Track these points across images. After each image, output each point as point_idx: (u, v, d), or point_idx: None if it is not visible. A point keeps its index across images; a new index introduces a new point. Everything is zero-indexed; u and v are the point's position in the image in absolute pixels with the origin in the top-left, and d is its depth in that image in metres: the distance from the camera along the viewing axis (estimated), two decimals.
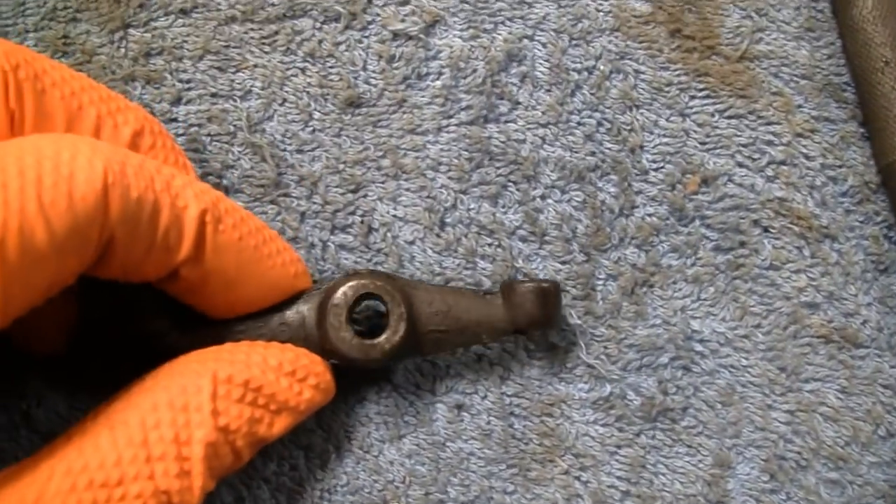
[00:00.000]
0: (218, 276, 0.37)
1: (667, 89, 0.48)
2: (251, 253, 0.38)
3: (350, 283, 0.41)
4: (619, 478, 0.45)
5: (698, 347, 0.46)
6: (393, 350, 0.41)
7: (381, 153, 0.47)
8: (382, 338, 0.41)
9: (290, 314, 0.41)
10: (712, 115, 0.47)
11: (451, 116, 0.47)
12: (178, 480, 0.34)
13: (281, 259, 0.40)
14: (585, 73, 0.48)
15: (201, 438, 0.35)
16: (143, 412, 0.35)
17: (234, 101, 0.47)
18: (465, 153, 0.47)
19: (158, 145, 0.40)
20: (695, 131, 0.47)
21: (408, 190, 0.47)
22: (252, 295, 0.40)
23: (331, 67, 0.47)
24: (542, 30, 0.48)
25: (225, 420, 0.36)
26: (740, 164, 0.47)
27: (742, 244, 0.47)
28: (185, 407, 0.35)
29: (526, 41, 0.48)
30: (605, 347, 0.46)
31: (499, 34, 0.48)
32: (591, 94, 0.47)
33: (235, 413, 0.36)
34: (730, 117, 0.47)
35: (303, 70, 0.48)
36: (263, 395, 0.37)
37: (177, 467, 0.34)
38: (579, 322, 0.46)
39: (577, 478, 0.45)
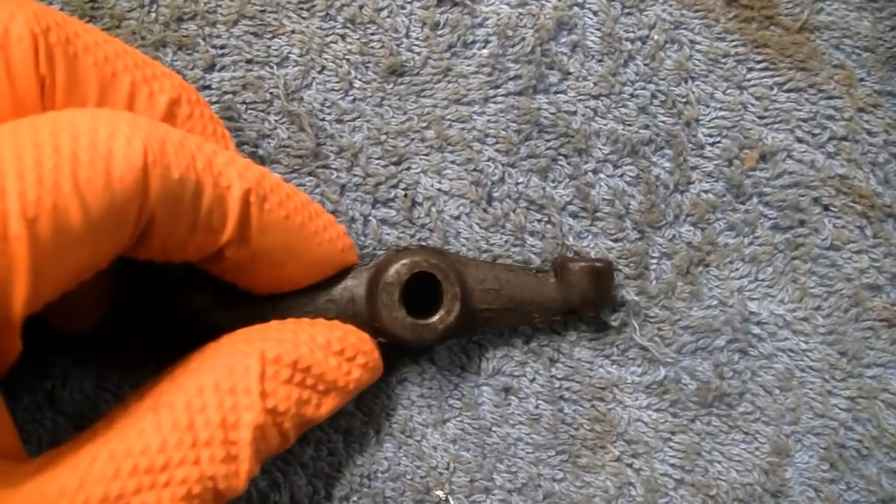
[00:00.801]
0: (264, 255, 0.35)
1: (723, 61, 0.45)
2: (298, 231, 0.36)
3: (403, 261, 0.39)
4: (672, 465, 0.43)
5: (756, 330, 0.44)
6: (446, 330, 0.38)
7: (425, 124, 0.44)
8: (436, 318, 0.38)
9: (338, 291, 0.39)
10: (771, 89, 0.45)
11: (498, 86, 0.44)
12: (224, 465, 0.32)
13: (328, 235, 0.37)
14: (639, 43, 0.45)
15: (249, 422, 0.32)
16: (188, 395, 0.32)
17: (271, 67, 0.44)
18: (514, 125, 0.44)
19: (196, 115, 0.37)
20: (752, 105, 0.45)
21: (453, 163, 0.44)
22: (299, 273, 0.37)
23: (372, 34, 0.45)
24: None
25: (273, 402, 0.33)
26: (800, 140, 0.45)
27: (802, 223, 0.44)
28: (233, 389, 0.32)
29: (576, 8, 0.45)
30: (659, 329, 0.44)
31: (548, 1, 0.45)
32: (645, 64, 0.45)
33: (284, 394, 0.34)
34: (789, 91, 0.45)
35: (343, 36, 0.45)
36: (312, 375, 0.35)
37: (223, 452, 0.32)
38: (633, 301, 0.43)
39: (630, 465, 0.43)
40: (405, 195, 0.44)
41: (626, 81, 0.45)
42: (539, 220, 0.44)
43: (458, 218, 0.44)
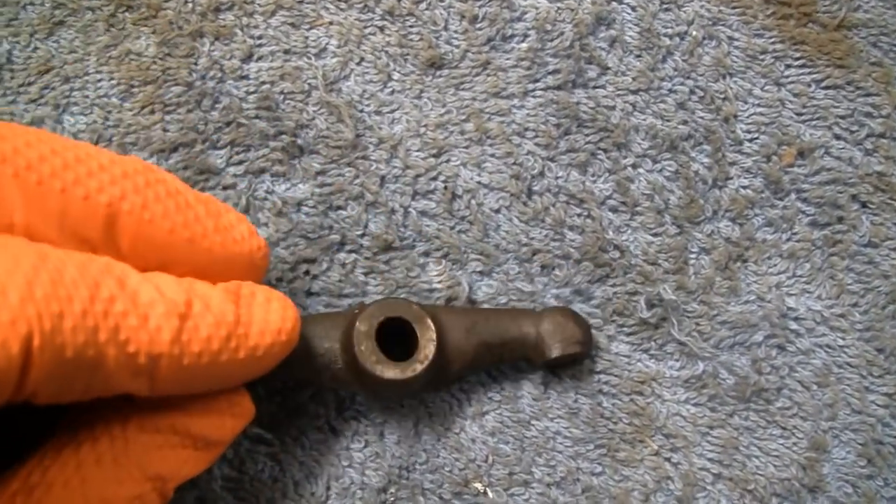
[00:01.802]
0: (182, 392, 0.31)
1: (761, 57, 0.44)
2: (223, 366, 0.31)
3: (372, 308, 0.37)
4: (710, 460, 0.42)
5: (793, 326, 0.43)
6: (427, 370, 0.37)
7: (464, 117, 0.43)
8: (415, 357, 0.37)
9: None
10: (809, 86, 0.44)
11: (537, 80, 0.44)
12: None
13: (270, 338, 0.32)
14: (677, 39, 0.44)
15: None
16: None
17: (309, 58, 0.43)
18: (553, 119, 0.43)
19: (150, 199, 0.31)
20: (790, 101, 0.44)
21: (493, 156, 0.43)
22: (231, 385, 0.34)
23: (410, 26, 0.44)
24: None
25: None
26: (838, 137, 0.44)
27: (840, 219, 0.44)
28: None
29: (615, 4, 0.44)
30: (697, 324, 0.43)
31: None
32: (683, 60, 0.44)
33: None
34: (827, 87, 0.44)
35: (381, 28, 0.44)
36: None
37: None
38: (672, 297, 0.43)
39: (668, 459, 0.42)
40: (445, 187, 0.43)
41: (664, 77, 0.44)
42: (579, 215, 0.43)
43: (497, 211, 0.43)
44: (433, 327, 0.37)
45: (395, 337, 0.38)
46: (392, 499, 0.41)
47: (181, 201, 0.32)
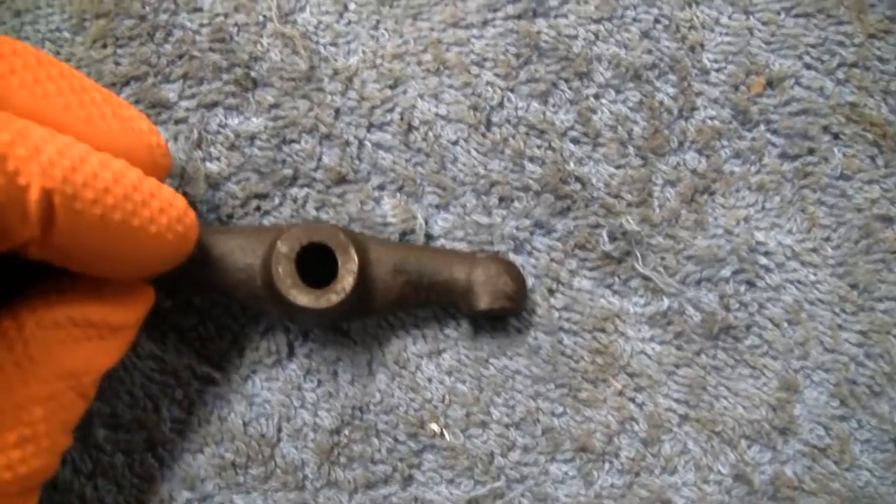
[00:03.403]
0: (78, 253, 0.28)
1: None
2: (117, 228, 0.28)
3: (296, 231, 0.34)
4: (676, 400, 0.39)
5: (763, 261, 0.40)
6: (345, 300, 0.34)
7: (421, 47, 0.40)
8: (333, 285, 0.34)
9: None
10: (778, 14, 0.41)
11: (497, 9, 0.41)
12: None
13: (164, 222, 0.30)
14: None
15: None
16: None
17: None
18: (513, 48, 0.40)
19: (42, 77, 0.29)
20: (759, 30, 0.41)
21: (451, 87, 0.40)
22: (128, 266, 0.31)
23: None
24: None
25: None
26: (808, 66, 0.41)
27: (810, 151, 0.40)
28: None
29: None
30: (663, 258, 0.40)
31: None
32: None
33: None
34: (797, 16, 0.41)
35: None
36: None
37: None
38: (635, 229, 0.40)
39: (632, 399, 0.39)
40: (401, 119, 0.40)
41: (628, 5, 0.41)
42: (539, 146, 0.40)
43: (455, 143, 0.40)
44: (356, 258, 0.34)
45: (325, 263, 0.34)
46: (345, 441, 0.38)
47: (76, 84, 0.29)
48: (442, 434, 0.38)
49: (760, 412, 0.38)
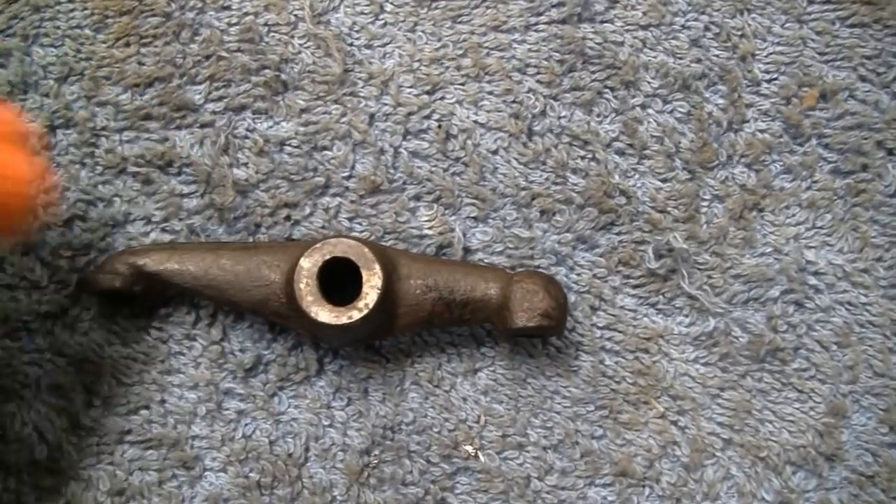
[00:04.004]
0: None
1: None
2: None
3: (318, 246, 0.33)
4: (720, 424, 0.37)
5: (812, 281, 0.38)
6: (367, 318, 0.33)
7: (461, 51, 0.38)
8: (356, 303, 0.33)
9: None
10: (833, 23, 0.39)
11: (540, 13, 0.38)
12: None
13: None
14: None
15: None
16: None
17: None
18: (557, 55, 0.38)
19: None
20: (813, 40, 0.39)
21: (491, 93, 0.38)
22: None
23: None
24: None
25: None
26: (863, 79, 0.39)
27: (864, 167, 0.38)
28: None
29: None
30: (709, 277, 0.38)
31: None
32: None
33: None
34: (853, 25, 0.39)
35: None
36: None
37: None
38: (682, 247, 0.38)
39: (675, 423, 0.37)
40: (439, 126, 0.38)
41: (677, 11, 0.39)
42: (582, 157, 0.38)
43: (495, 152, 0.38)
44: (380, 274, 0.32)
45: (355, 278, 0.33)
46: (375, 462, 0.36)
47: None
48: (476, 456, 0.36)
49: (807, 437, 0.37)
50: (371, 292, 0.33)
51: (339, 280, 0.33)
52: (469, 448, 0.36)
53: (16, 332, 0.37)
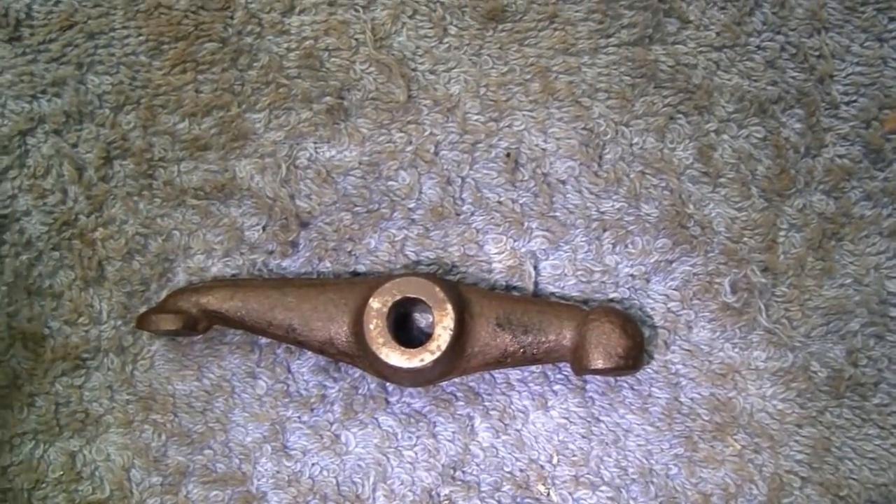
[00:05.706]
0: None
1: (861, 9, 0.36)
2: None
3: (388, 286, 0.32)
4: (798, 461, 0.35)
5: (894, 312, 0.36)
6: (440, 360, 0.31)
7: (528, 75, 0.36)
8: (428, 345, 0.31)
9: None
10: None
11: (610, 35, 0.36)
12: None
13: None
14: None
15: None
16: None
17: (356, 10, 0.36)
18: (627, 78, 0.36)
19: None
20: (894, 59, 0.36)
21: (560, 119, 0.36)
22: None
23: None
24: None
25: None
26: None
27: None
28: None
29: None
30: (787, 309, 0.35)
31: None
32: (773, 13, 0.36)
33: None
34: None
35: None
36: None
37: None
38: (760, 279, 0.35)
39: (751, 460, 0.35)
40: (507, 155, 0.36)
41: (752, 31, 0.36)
42: (656, 186, 0.36)
43: (565, 181, 0.36)
44: (453, 314, 0.31)
45: (420, 308, 0.32)
46: (445, 501, 0.35)
47: None
48: (549, 495, 0.34)
49: (889, 476, 0.35)
50: (444, 333, 0.31)
51: (406, 313, 0.32)
52: (542, 487, 0.35)
53: (77, 368, 0.35)
